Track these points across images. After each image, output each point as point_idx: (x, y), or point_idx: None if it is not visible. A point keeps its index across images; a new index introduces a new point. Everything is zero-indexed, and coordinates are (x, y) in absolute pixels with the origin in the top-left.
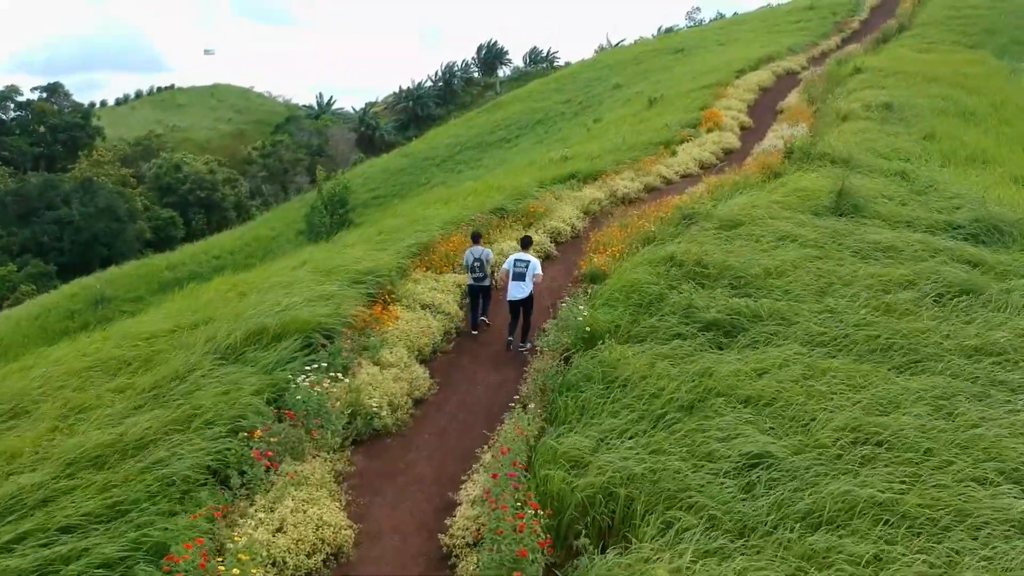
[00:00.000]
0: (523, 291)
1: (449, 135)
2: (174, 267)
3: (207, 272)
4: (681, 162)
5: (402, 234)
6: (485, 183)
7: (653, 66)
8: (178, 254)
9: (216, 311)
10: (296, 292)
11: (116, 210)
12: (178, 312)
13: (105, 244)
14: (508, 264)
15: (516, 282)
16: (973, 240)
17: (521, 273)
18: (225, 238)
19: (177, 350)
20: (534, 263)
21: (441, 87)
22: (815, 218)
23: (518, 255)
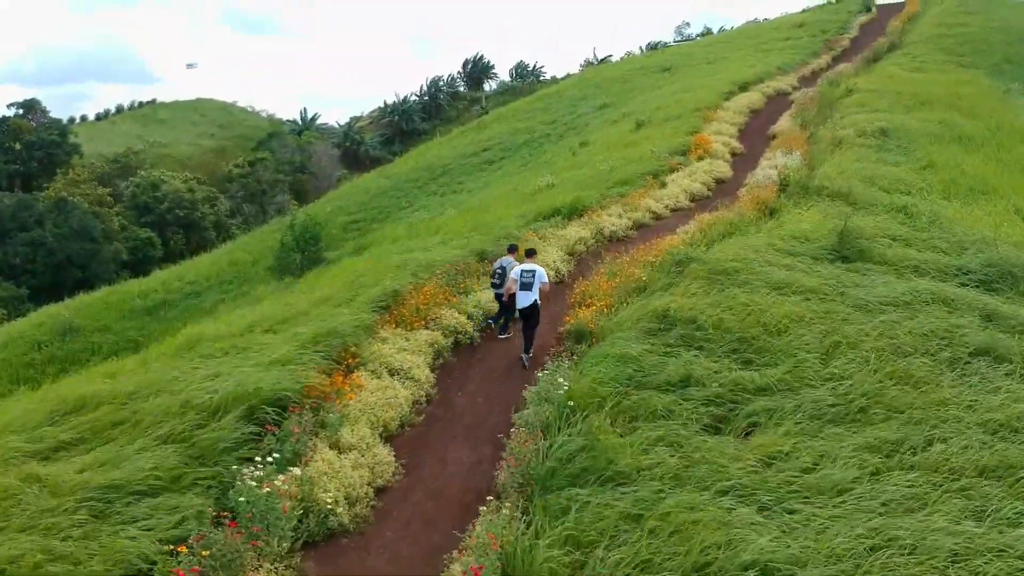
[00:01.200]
0: (529, 300)
1: (432, 155)
2: (146, 294)
3: (180, 300)
4: (671, 195)
5: (371, 280)
6: (465, 218)
7: (640, 85)
8: (151, 280)
9: (156, 379)
10: (249, 355)
11: (91, 231)
12: (123, 374)
13: (79, 266)
14: (515, 274)
15: (523, 291)
16: (984, 286)
17: (528, 283)
18: (200, 263)
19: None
20: (540, 272)
21: (427, 101)
22: (815, 263)
23: (525, 265)
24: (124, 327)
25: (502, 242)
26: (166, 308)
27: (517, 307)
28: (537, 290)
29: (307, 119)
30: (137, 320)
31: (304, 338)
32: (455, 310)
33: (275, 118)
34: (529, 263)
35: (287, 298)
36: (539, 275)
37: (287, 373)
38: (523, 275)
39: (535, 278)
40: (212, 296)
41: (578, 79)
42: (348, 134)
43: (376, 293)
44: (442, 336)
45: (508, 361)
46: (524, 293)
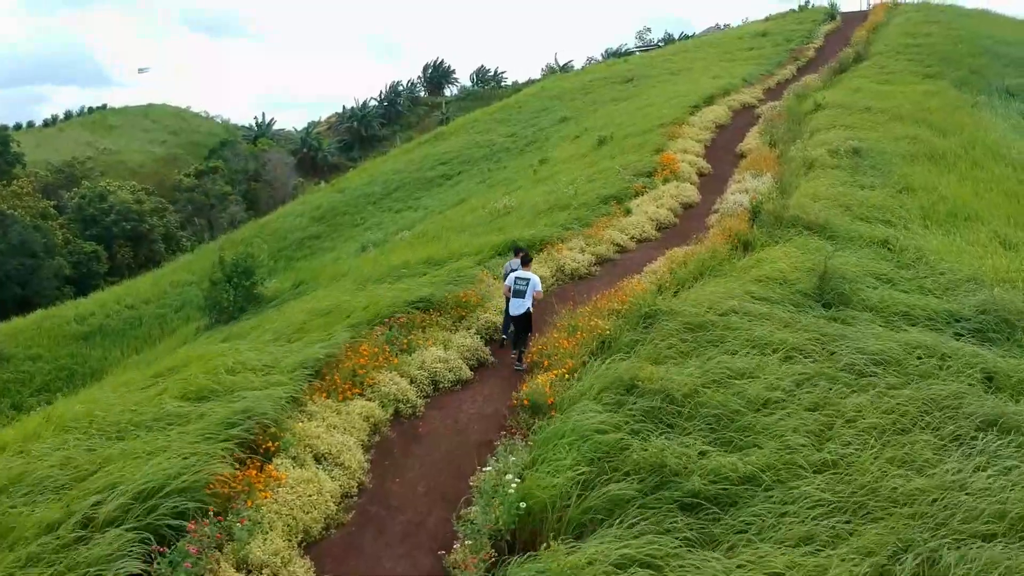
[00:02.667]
0: (522, 308)
1: (388, 168)
2: (83, 318)
3: (119, 325)
4: (636, 224)
5: (303, 335)
6: (416, 250)
7: (602, 97)
8: (89, 301)
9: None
10: (151, 438)
11: (31, 246)
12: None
13: (20, 283)
14: (509, 282)
15: (516, 299)
16: (979, 336)
17: (521, 291)
18: (141, 283)
19: None
20: (534, 280)
21: (386, 107)
22: (797, 312)
23: (518, 273)
24: (58, 355)
25: (451, 286)
26: (103, 335)
27: (510, 314)
28: (530, 298)
29: (263, 125)
30: (72, 347)
31: (216, 419)
32: (396, 373)
33: (230, 124)
34: (523, 271)
35: (207, 356)
36: (533, 283)
37: (190, 467)
38: (517, 282)
39: (528, 286)
40: (151, 322)
41: (538, 89)
42: (305, 140)
43: (306, 357)
44: (380, 407)
45: (455, 433)
46: (517, 300)
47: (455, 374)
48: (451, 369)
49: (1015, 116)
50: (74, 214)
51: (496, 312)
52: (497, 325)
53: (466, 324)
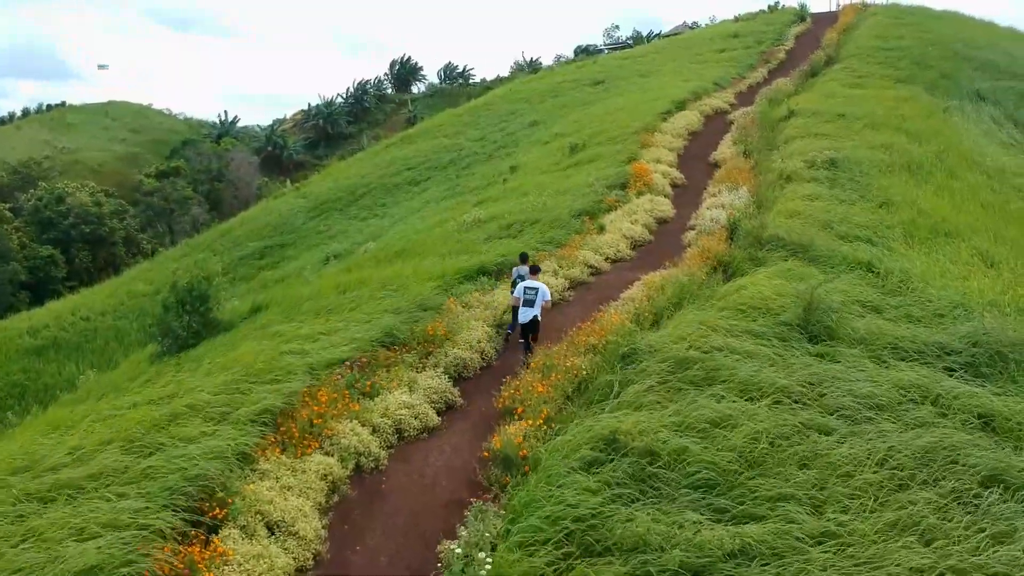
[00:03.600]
0: (530, 316)
1: (353, 173)
2: (36, 331)
3: (74, 338)
4: (610, 243)
5: (256, 379)
6: (381, 270)
7: (572, 100)
8: (44, 312)
9: None
10: (81, 509)
11: None
12: None
13: None
14: (519, 291)
15: (526, 308)
16: (972, 371)
17: (531, 300)
18: (98, 293)
19: None
20: (543, 290)
21: (353, 104)
22: (782, 346)
23: (528, 283)
24: (10, 370)
25: (418, 314)
26: (57, 349)
27: (519, 321)
28: (539, 307)
29: (227, 123)
30: (25, 361)
31: (159, 481)
32: (357, 422)
33: (193, 121)
34: (532, 280)
35: (150, 402)
36: (542, 293)
37: (126, 547)
38: (526, 292)
39: (537, 296)
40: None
41: (507, 91)
42: (271, 138)
43: (259, 407)
44: (339, 462)
45: (421, 491)
46: (526, 309)
47: (421, 421)
48: (417, 416)
49: (986, 121)
50: (30, 217)
51: (465, 347)
52: (465, 361)
53: (433, 361)
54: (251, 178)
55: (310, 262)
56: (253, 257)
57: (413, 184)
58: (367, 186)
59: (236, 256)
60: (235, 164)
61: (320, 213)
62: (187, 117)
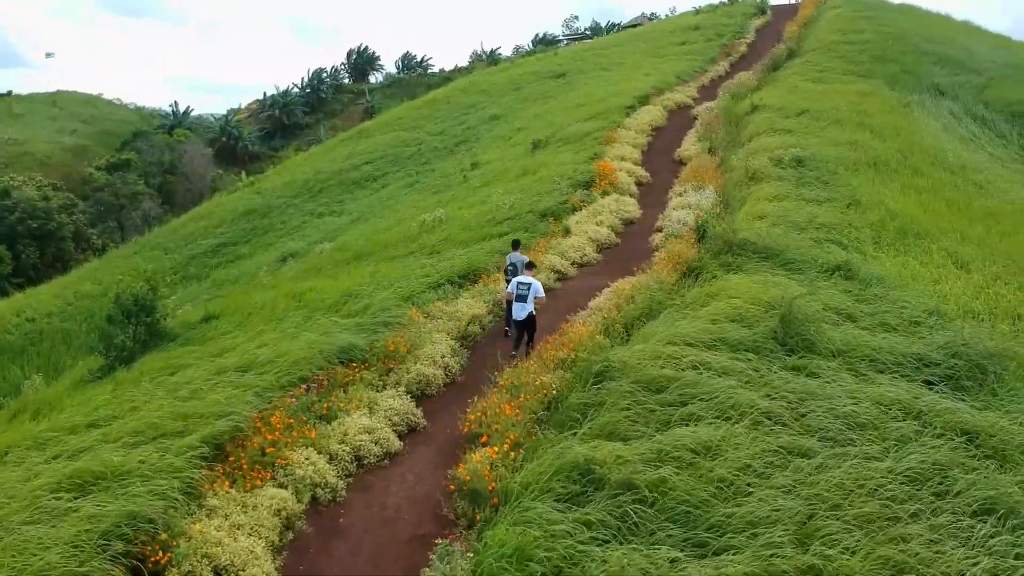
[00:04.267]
0: (525, 312)
1: (309, 167)
2: None
3: (18, 341)
4: (576, 246)
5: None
6: (338, 281)
7: (533, 93)
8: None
9: None
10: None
11: None
12: None
13: None
14: (512, 287)
15: (519, 303)
16: (952, 384)
17: (523, 295)
18: (44, 293)
19: None
20: (536, 286)
21: (309, 94)
22: (759, 360)
23: (520, 278)
24: None
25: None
26: (0, 352)
27: (513, 318)
28: (532, 302)
29: (180, 113)
30: None
31: (97, 523)
32: (313, 449)
33: (145, 111)
34: (526, 275)
35: (89, 425)
36: (534, 288)
37: None
38: (519, 287)
39: (530, 291)
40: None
41: (467, 83)
42: (225, 128)
43: (207, 433)
44: (294, 495)
45: (382, 524)
46: (520, 305)
47: (382, 446)
48: (377, 441)
49: (946, 115)
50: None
51: (428, 362)
52: (428, 378)
53: (395, 378)
54: (205, 170)
55: (265, 262)
56: (205, 256)
57: (371, 180)
58: (324, 181)
59: (187, 255)
60: (188, 156)
61: (275, 210)
62: (139, 107)
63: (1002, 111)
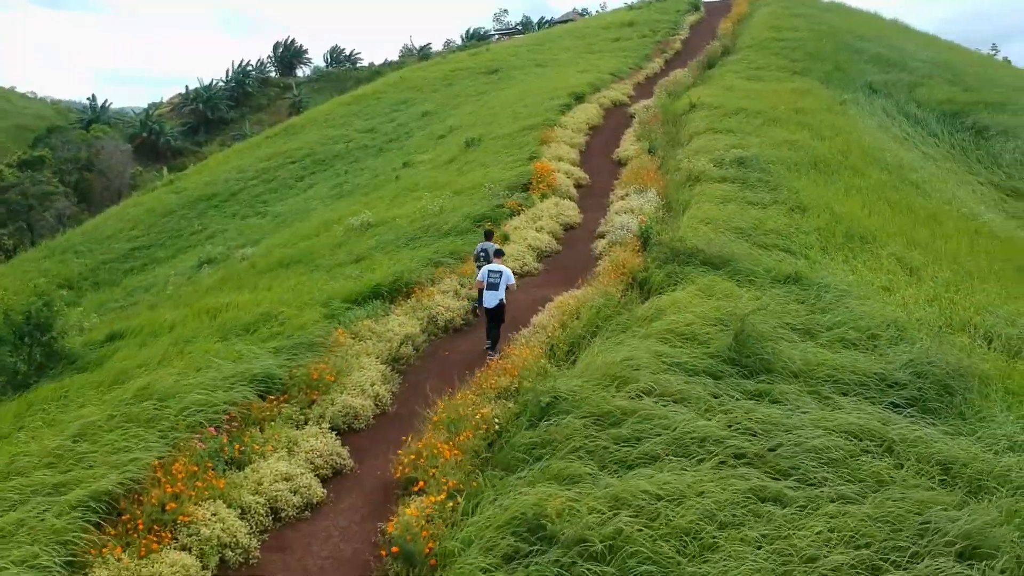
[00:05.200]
0: (495, 300)
1: (232, 166)
2: None
3: None
4: (515, 254)
5: (97, 444)
6: (257, 297)
7: (466, 90)
8: None
9: None
10: None
11: None
12: None
13: None
14: (482, 275)
15: (490, 291)
16: (919, 406)
17: (495, 283)
18: None
19: None
20: (507, 273)
21: (234, 87)
22: (716, 385)
23: (491, 266)
24: None
25: (300, 352)
26: None
27: (484, 306)
28: (503, 290)
29: (98, 107)
30: None
31: None
32: (222, 502)
33: (61, 105)
34: (496, 263)
35: None
36: (505, 276)
37: None
38: (490, 275)
39: (501, 279)
40: None
41: (397, 79)
42: (146, 123)
43: (95, 490)
44: (198, 560)
45: None
46: (490, 293)
47: (302, 496)
48: (297, 490)
49: (879, 113)
50: None
51: (356, 391)
52: (356, 410)
53: (318, 411)
54: (124, 167)
55: (181, 268)
56: (117, 260)
57: (297, 179)
58: (247, 181)
59: (99, 259)
60: (106, 152)
61: (194, 211)
62: (55, 101)
63: (933, 110)
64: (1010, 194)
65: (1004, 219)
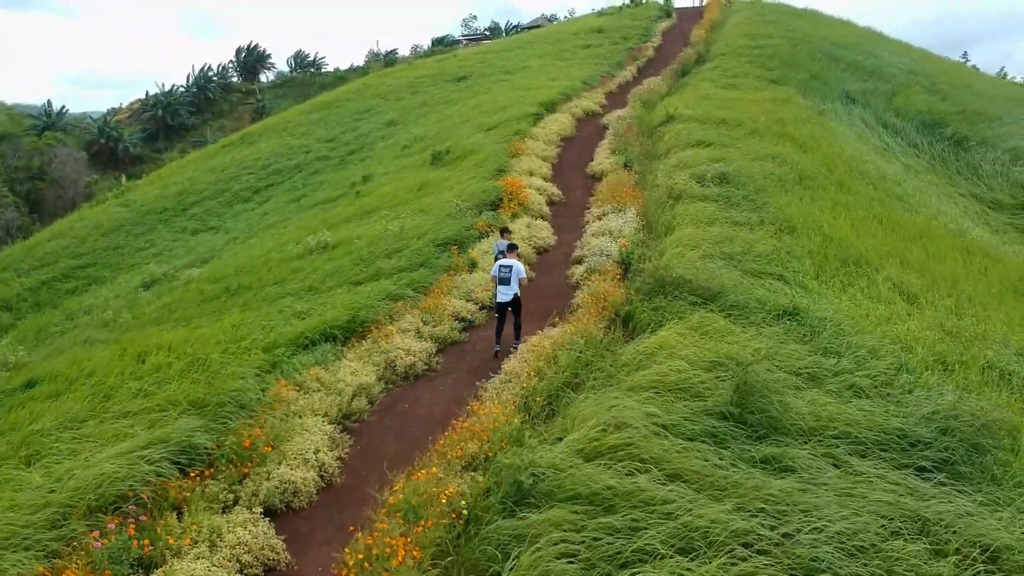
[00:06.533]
0: (509, 294)
1: (184, 177)
2: None
3: None
4: (483, 282)
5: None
6: (190, 330)
7: (433, 98)
8: None
9: None
10: None
11: None
12: None
13: None
14: (495, 271)
15: (502, 286)
16: (950, 470)
17: (506, 278)
18: None
19: None
20: (518, 267)
21: (195, 93)
22: (719, 451)
23: (503, 261)
24: None
25: (231, 411)
26: None
27: (498, 300)
28: (515, 283)
29: (53, 113)
30: None
31: None
32: None
33: (15, 111)
34: (508, 258)
35: None
36: (516, 270)
37: None
38: (500, 270)
39: (512, 273)
40: None
41: (360, 86)
42: (103, 130)
43: None
44: None
45: None
46: (503, 288)
47: None
48: None
49: (858, 123)
50: None
51: (297, 461)
52: (297, 485)
53: (251, 488)
54: (78, 176)
55: (124, 289)
56: (60, 279)
57: (253, 192)
58: (199, 193)
59: (39, 280)
60: (60, 160)
61: (143, 225)
62: (12, 105)
63: (912, 120)
64: (992, 206)
65: (989, 233)
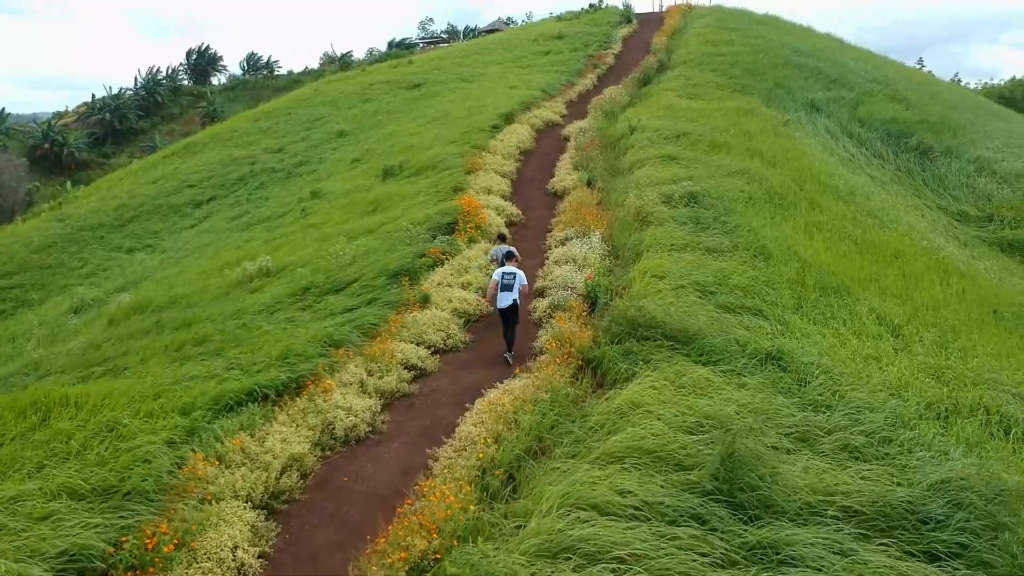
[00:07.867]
0: (509, 299)
1: (124, 190)
2: None
3: None
4: (437, 321)
5: None
6: (100, 385)
7: (386, 106)
8: None
9: None
10: None
11: None
12: None
13: None
14: (496, 276)
15: (504, 293)
16: (968, 555)
17: (509, 285)
18: None
19: None
20: (520, 275)
21: (144, 96)
22: (707, 534)
23: (505, 268)
24: None
25: (131, 507)
26: None
27: (498, 307)
28: (517, 291)
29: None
30: None
31: None
32: None
33: None
34: (509, 265)
35: None
36: (519, 278)
37: None
38: (504, 277)
39: (516, 280)
40: None
41: (311, 91)
42: (48, 134)
43: None
44: None
45: None
46: (505, 294)
47: None
48: None
49: (823, 134)
50: None
51: (210, 563)
52: None
53: None
54: (19, 183)
55: (54, 313)
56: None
57: (195, 207)
58: (138, 207)
59: None
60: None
61: (78, 242)
62: None
63: (877, 130)
64: (958, 218)
65: (958, 248)
